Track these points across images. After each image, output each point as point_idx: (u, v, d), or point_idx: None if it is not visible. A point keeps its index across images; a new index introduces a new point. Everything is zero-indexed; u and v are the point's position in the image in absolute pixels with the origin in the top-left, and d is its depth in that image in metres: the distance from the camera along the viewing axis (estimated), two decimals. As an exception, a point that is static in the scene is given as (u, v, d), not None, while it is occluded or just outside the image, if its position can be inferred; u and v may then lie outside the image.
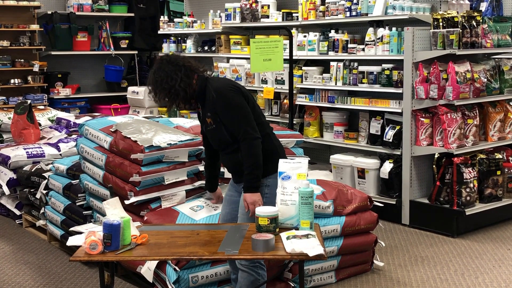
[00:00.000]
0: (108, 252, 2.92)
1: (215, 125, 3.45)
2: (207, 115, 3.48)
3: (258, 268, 3.41)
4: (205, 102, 3.47)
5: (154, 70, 3.49)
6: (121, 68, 9.78)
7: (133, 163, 4.27)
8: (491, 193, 5.63)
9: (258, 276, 3.38)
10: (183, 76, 3.43)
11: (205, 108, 3.49)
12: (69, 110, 8.89)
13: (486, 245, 5.22)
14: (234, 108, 3.40)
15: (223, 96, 3.41)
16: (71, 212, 4.92)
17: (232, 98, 3.40)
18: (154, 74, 3.47)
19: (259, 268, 3.41)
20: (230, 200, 3.68)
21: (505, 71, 5.84)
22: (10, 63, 8.65)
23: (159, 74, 3.46)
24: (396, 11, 5.78)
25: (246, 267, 3.39)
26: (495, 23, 5.75)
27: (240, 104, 3.41)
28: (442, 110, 5.42)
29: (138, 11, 9.87)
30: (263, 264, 3.45)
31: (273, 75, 6.95)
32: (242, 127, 3.37)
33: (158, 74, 3.46)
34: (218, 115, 3.42)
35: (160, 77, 3.44)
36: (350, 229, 4.36)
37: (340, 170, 6.12)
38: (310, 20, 6.60)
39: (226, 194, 3.73)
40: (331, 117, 6.48)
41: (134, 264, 3.98)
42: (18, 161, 5.92)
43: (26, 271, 4.73)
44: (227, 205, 3.70)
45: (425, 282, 4.44)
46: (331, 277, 4.40)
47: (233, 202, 3.65)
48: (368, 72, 5.98)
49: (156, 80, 3.46)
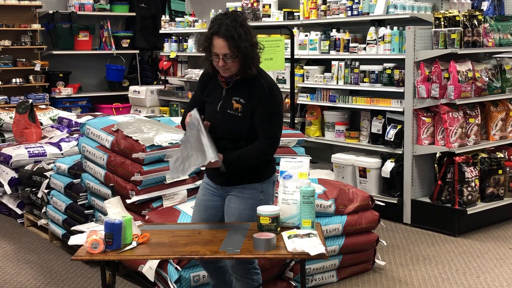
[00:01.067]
0: (109, 251, 2.92)
1: (241, 114, 3.18)
2: (237, 100, 3.19)
3: (253, 274, 3.32)
4: (244, 87, 3.20)
5: (235, 22, 3.12)
6: (123, 67, 9.79)
7: (135, 162, 4.28)
8: (492, 192, 5.63)
9: (253, 282, 3.32)
10: (257, 52, 3.23)
11: (239, 92, 3.20)
12: (71, 109, 8.90)
13: (488, 244, 5.21)
14: (277, 112, 3.23)
15: (275, 96, 3.21)
16: (72, 211, 4.92)
17: (280, 102, 3.26)
18: (238, 25, 3.11)
19: (253, 274, 3.33)
20: (207, 205, 3.37)
21: (507, 70, 5.84)
22: (11, 62, 8.66)
23: (241, 29, 3.12)
24: (397, 10, 5.78)
25: (241, 275, 3.29)
26: (496, 22, 5.75)
27: (282, 110, 3.31)
28: (444, 109, 5.41)
29: (139, 11, 9.88)
30: (257, 267, 3.36)
31: (275, 74, 6.94)
32: (273, 130, 3.22)
33: (241, 29, 3.11)
34: (255, 109, 3.17)
35: (242, 33, 3.12)
36: (352, 228, 4.36)
37: (341, 169, 6.12)
38: (311, 19, 6.60)
39: (201, 199, 3.40)
40: (332, 116, 6.48)
41: (136, 263, 3.98)
42: (20, 160, 5.92)
43: (27, 270, 4.73)
44: (203, 210, 3.38)
45: (426, 281, 4.43)
46: (332, 276, 4.40)
47: (211, 207, 3.37)
48: (369, 71, 5.98)
49: (240, 35, 3.10)
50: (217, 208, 3.36)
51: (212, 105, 3.28)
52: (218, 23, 3.12)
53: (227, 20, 3.12)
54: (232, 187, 3.29)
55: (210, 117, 3.26)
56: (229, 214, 3.31)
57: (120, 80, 9.80)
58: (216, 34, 3.11)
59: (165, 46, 8.73)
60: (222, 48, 3.10)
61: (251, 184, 3.27)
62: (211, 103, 3.29)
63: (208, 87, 3.33)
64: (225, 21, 3.11)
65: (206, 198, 3.38)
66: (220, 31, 3.10)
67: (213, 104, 3.27)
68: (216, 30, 3.11)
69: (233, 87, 3.23)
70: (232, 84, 3.24)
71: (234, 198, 3.29)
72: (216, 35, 3.11)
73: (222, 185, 3.32)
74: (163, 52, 8.83)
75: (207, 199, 3.38)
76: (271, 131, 3.21)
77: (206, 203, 3.38)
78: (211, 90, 3.31)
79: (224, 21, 3.11)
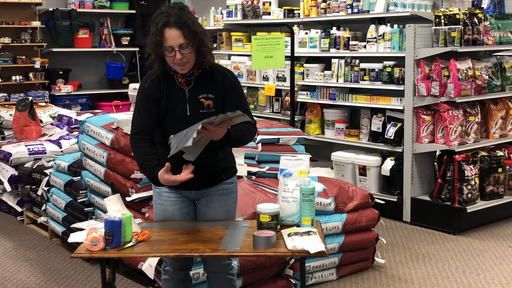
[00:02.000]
0: (109, 248, 2.92)
1: (215, 109, 3.03)
2: (205, 96, 3.03)
3: (233, 269, 3.29)
4: (207, 82, 3.05)
5: (183, 10, 2.95)
6: (123, 65, 9.77)
7: (135, 160, 4.27)
8: (492, 191, 5.63)
9: (234, 277, 3.29)
10: (210, 39, 3.05)
11: (204, 89, 3.04)
12: (71, 107, 8.88)
13: (487, 242, 5.21)
14: (243, 95, 3.16)
15: (238, 81, 3.12)
16: (72, 209, 4.92)
17: (240, 85, 3.18)
18: (186, 13, 2.94)
19: (233, 269, 3.29)
20: (182, 212, 3.21)
21: (507, 69, 5.84)
22: (11, 59, 8.64)
23: (191, 16, 2.96)
24: (397, 8, 5.78)
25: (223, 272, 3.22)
26: (497, 20, 5.75)
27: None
28: (444, 107, 5.41)
29: (139, 8, 9.86)
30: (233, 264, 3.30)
31: (275, 72, 6.94)
32: (249, 111, 3.11)
33: (190, 16, 2.95)
34: (225, 99, 3.05)
35: (194, 20, 2.95)
36: (351, 226, 4.36)
37: (341, 167, 6.12)
38: (311, 17, 6.59)
39: (171, 210, 3.21)
40: (332, 114, 6.48)
41: (136, 260, 3.99)
42: (20, 158, 5.93)
43: (27, 267, 4.74)
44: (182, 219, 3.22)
45: (426, 279, 4.44)
46: (332, 274, 4.40)
47: (187, 214, 3.23)
48: (369, 69, 5.98)
49: (192, 21, 2.93)
50: (191, 214, 3.24)
51: (176, 111, 3.04)
52: (165, 15, 2.92)
53: (174, 10, 2.93)
54: (209, 188, 3.17)
55: (179, 125, 2.95)
56: (213, 215, 3.21)
57: (120, 78, 9.78)
58: (167, 24, 2.90)
59: (165, 43, 8.71)
60: (177, 38, 2.90)
61: (230, 178, 3.22)
62: (174, 110, 3.04)
63: (164, 94, 3.05)
64: (172, 10, 2.92)
65: (179, 207, 3.20)
66: (170, 21, 2.90)
67: (178, 110, 3.04)
68: (166, 21, 2.90)
69: (195, 85, 3.04)
70: (193, 82, 3.05)
71: (217, 197, 3.17)
72: (168, 26, 2.90)
73: (198, 188, 3.16)
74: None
75: (180, 207, 3.20)
76: (250, 113, 3.12)
77: (180, 211, 3.21)
78: (169, 97, 3.04)
79: (171, 11, 2.92)
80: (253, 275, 3.97)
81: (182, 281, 3.32)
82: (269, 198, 4.17)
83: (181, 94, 3.05)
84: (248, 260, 3.84)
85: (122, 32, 9.78)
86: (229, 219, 3.26)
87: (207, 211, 3.23)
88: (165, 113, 3.06)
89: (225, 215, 3.24)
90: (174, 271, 3.28)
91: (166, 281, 3.31)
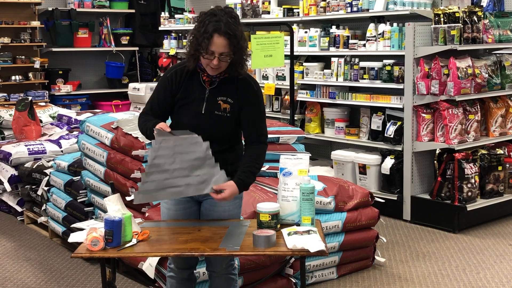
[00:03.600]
0: (109, 248, 2.92)
1: (230, 114, 3.05)
2: (224, 100, 3.04)
3: (234, 269, 3.28)
4: (230, 86, 3.05)
5: (235, 19, 2.95)
6: (122, 64, 9.78)
7: (134, 159, 4.28)
8: (492, 189, 5.63)
9: (236, 277, 3.29)
10: (247, 52, 3.06)
11: (225, 92, 3.05)
12: (70, 106, 8.89)
13: (488, 240, 5.21)
14: (263, 109, 3.14)
15: (261, 93, 3.12)
16: (72, 209, 4.92)
17: (262, 98, 3.17)
18: (237, 23, 2.95)
19: (234, 269, 3.28)
20: (186, 213, 3.23)
21: (506, 67, 5.84)
22: (11, 59, 8.65)
23: (240, 28, 2.96)
24: (397, 7, 5.77)
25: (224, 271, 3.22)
26: (496, 18, 5.75)
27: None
28: (443, 105, 5.41)
29: (138, 7, 9.86)
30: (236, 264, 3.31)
31: (274, 71, 6.94)
32: (264, 129, 3.13)
33: (240, 28, 2.95)
34: (243, 108, 3.06)
35: (242, 33, 2.96)
36: (352, 225, 4.36)
37: (341, 166, 6.12)
38: (311, 16, 6.59)
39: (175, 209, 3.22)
40: (332, 113, 6.48)
41: (136, 260, 3.99)
42: (20, 157, 5.92)
43: (27, 267, 4.74)
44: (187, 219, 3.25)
45: (426, 277, 4.44)
46: (332, 273, 4.40)
47: (192, 214, 3.24)
48: (369, 68, 5.98)
49: (241, 34, 2.95)
50: (195, 215, 3.25)
51: (191, 107, 3.07)
52: (217, 20, 2.92)
53: (226, 16, 2.93)
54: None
55: (191, 121, 3.05)
56: (216, 218, 3.20)
57: (119, 77, 9.78)
58: (218, 31, 2.89)
59: (165, 43, 8.73)
60: (222, 47, 2.91)
61: None
62: (189, 104, 3.07)
63: (184, 86, 3.08)
64: (224, 17, 2.92)
65: (183, 207, 3.22)
66: (221, 28, 2.89)
67: (194, 106, 3.06)
68: (218, 27, 2.90)
69: (217, 87, 3.05)
70: (216, 83, 3.06)
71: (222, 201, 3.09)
72: (218, 32, 2.89)
73: None
74: (163, 49, 8.82)
75: (184, 207, 3.22)
76: (265, 130, 3.14)
77: (184, 211, 3.22)
78: (188, 91, 3.07)
79: (223, 18, 2.92)
80: (253, 274, 3.97)
81: (186, 279, 3.32)
82: (269, 197, 4.17)
83: (201, 91, 3.06)
84: (248, 259, 3.84)
85: (122, 31, 9.78)
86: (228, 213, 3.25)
87: (210, 214, 3.22)
88: (180, 106, 3.09)
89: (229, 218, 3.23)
90: (178, 269, 3.29)
91: (171, 278, 3.32)
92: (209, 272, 3.31)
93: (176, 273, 3.30)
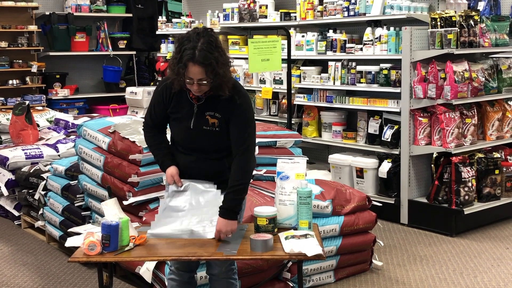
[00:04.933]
0: (106, 252, 2.92)
1: (219, 128, 3.07)
2: (211, 115, 3.07)
3: (234, 274, 3.28)
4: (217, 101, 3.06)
5: (210, 44, 2.93)
6: (119, 68, 9.78)
7: (132, 163, 4.27)
8: (489, 192, 5.64)
9: (235, 282, 3.29)
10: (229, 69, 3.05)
11: (212, 107, 3.07)
12: (68, 110, 8.88)
13: (485, 244, 5.22)
14: (252, 123, 3.12)
15: (249, 108, 3.11)
16: (69, 213, 4.91)
17: (250, 106, 3.15)
18: (213, 49, 2.92)
19: (234, 274, 3.28)
20: None
21: (503, 70, 5.85)
22: (8, 64, 8.65)
23: (216, 53, 2.94)
24: (394, 11, 5.79)
25: (224, 275, 3.22)
26: (493, 22, 5.76)
27: (253, 114, 3.18)
28: (440, 109, 5.42)
29: (136, 12, 9.88)
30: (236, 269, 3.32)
31: (271, 75, 6.95)
32: (249, 141, 3.08)
33: (216, 53, 2.93)
34: (229, 121, 3.07)
35: (218, 58, 2.94)
36: (349, 229, 4.36)
37: (338, 170, 6.12)
38: (308, 20, 6.60)
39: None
40: (329, 117, 6.48)
41: (133, 264, 3.98)
42: (17, 162, 5.91)
43: (25, 272, 4.73)
44: None
45: (423, 281, 4.44)
46: (330, 277, 4.40)
47: None
48: (366, 71, 5.99)
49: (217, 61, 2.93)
50: None
51: (182, 121, 3.12)
52: (191, 47, 2.91)
53: (200, 43, 2.91)
54: None
55: (182, 134, 3.14)
56: None
57: (117, 81, 9.78)
58: (191, 60, 2.90)
59: (162, 47, 8.74)
60: (198, 74, 2.93)
61: None
62: (180, 119, 3.13)
63: (174, 102, 3.13)
64: (198, 44, 2.91)
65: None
66: (195, 58, 2.90)
67: (183, 120, 3.11)
68: (191, 56, 2.89)
69: (205, 102, 3.08)
70: (204, 100, 3.08)
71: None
72: (191, 61, 2.90)
73: None
74: (160, 53, 8.83)
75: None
76: (247, 142, 3.07)
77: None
78: (178, 106, 3.12)
79: (198, 45, 2.90)
80: (250, 278, 3.96)
81: (186, 283, 3.33)
82: (266, 201, 4.17)
83: (190, 107, 3.10)
84: (245, 263, 3.84)
85: (119, 35, 9.79)
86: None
87: None
88: (173, 119, 3.18)
89: None
90: (179, 272, 3.30)
91: (171, 281, 3.33)
92: (209, 275, 3.31)
93: (177, 276, 3.30)
